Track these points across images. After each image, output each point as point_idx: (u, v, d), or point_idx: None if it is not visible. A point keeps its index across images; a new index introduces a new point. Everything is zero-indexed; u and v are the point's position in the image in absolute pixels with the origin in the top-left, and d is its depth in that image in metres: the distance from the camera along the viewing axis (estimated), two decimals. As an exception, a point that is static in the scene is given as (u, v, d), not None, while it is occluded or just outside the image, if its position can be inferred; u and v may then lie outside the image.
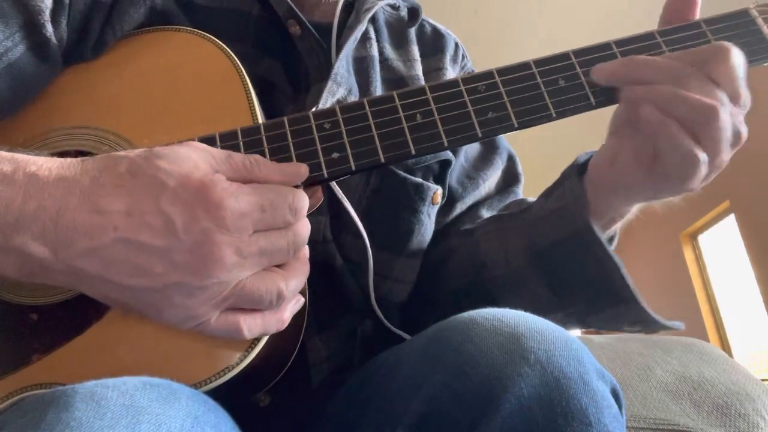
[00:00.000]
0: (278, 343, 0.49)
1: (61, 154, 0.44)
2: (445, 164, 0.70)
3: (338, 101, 0.62)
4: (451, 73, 0.78)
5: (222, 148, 0.49)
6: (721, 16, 0.55)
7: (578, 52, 0.54)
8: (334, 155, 0.49)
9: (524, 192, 0.81)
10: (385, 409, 0.49)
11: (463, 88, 0.52)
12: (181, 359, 0.45)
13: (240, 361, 0.45)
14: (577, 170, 0.59)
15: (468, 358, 0.43)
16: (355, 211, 0.61)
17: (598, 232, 0.55)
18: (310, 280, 0.50)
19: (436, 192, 0.69)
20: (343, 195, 0.61)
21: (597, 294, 0.57)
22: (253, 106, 0.53)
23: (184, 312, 0.41)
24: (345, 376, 0.62)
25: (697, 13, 0.55)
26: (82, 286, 0.42)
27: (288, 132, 0.50)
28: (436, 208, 0.70)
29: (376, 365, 0.58)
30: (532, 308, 0.61)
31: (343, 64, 0.64)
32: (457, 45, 0.81)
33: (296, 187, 0.47)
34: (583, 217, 0.56)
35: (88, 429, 0.32)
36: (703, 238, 4.46)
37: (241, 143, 0.49)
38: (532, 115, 0.52)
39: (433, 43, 0.78)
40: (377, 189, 0.65)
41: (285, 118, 0.51)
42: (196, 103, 0.54)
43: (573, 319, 0.62)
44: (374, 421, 0.50)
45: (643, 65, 0.51)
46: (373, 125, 0.50)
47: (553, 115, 0.52)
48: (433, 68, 0.76)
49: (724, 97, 0.48)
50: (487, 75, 0.53)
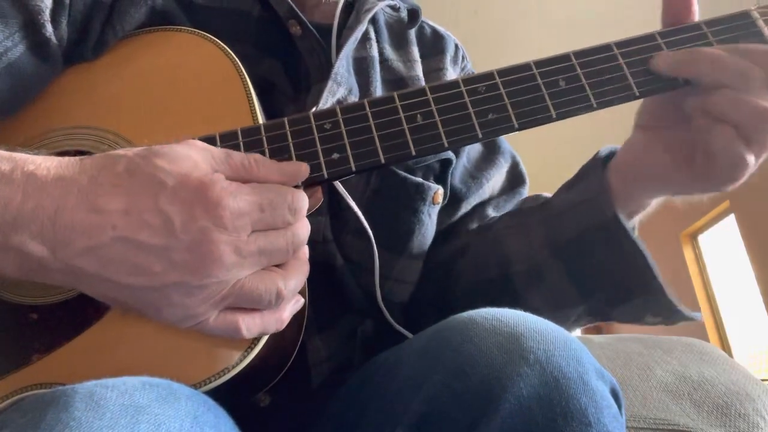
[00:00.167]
0: (278, 343, 0.49)
1: (61, 154, 0.43)
2: (446, 163, 0.70)
3: (338, 101, 0.62)
4: (452, 74, 0.78)
5: (222, 148, 0.49)
6: (722, 18, 0.55)
7: (579, 53, 0.54)
8: (335, 156, 0.49)
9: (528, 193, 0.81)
10: (384, 409, 0.49)
11: (463, 88, 0.52)
12: (181, 359, 0.45)
13: (240, 362, 0.45)
14: (601, 163, 0.59)
15: (467, 357, 0.43)
16: None
17: (625, 222, 0.56)
18: (310, 281, 0.50)
19: (437, 192, 0.69)
20: (348, 194, 0.61)
21: (623, 285, 0.57)
22: (254, 106, 0.53)
23: (183, 311, 0.41)
24: (345, 376, 0.62)
25: (695, 16, 0.55)
26: (81, 285, 0.42)
27: (288, 132, 0.50)
28: (437, 208, 0.70)
29: (375, 365, 0.58)
30: (555, 302, 0.62)
31: (344, 64, 0.64)
32: (457, 46, 0.81)
33: (296, 187, 0.47)
34: (610, 208, 0.56)
35: (87, 429, 0.32)
36: (703, 238, 4.45)
37: (241, 143, 0.49)
38: (533, 116, 0.52)
39: (433, 44, 0.78)
40: (377, 189, 0.65)
41: (285, 119, 0.51)
42: (197, 103, 0.54)
43: (595, 312, 0.62)
44: (374, 421, 0.50)
45: (710, 60, 0.51)
46: (373, 126, 0.50)
47: (554, 116, 0.52)
48: (434, 69, 0.76)
49: None
50: (488, 76, 0.53)
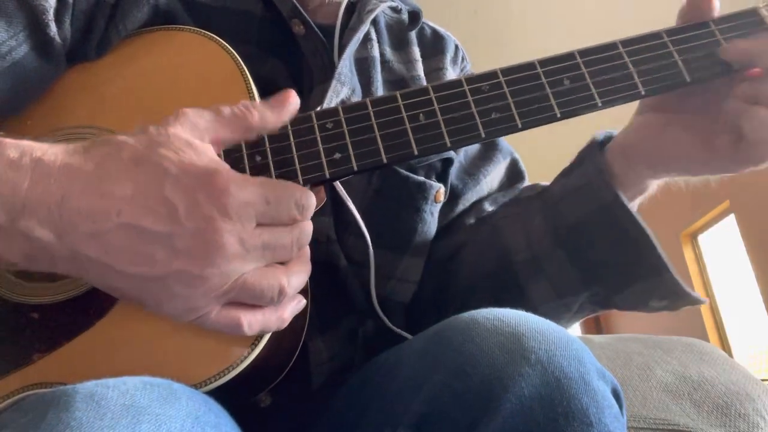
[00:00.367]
0: (280, 344, 0.49)
1: None
2: (447, 162, 0.70)
3: (342, 101, 0.62)
4: (451, 74, 0.78)
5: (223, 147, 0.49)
6: (730, 15, 0.55)
7: (583, 52, 0.53)
8: (337, 155, 0.49)
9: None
10: (385, 409, 0.49)
11: (466, 88, 0.52)
12: (182, 359, 0.45)
13: (240, 362, 0.45)
14: (598, 147, 0.59)
15: (469, 357, 0.43)
16: (358, 211, 0.61)
17: (627, 203, 0.55)
18: (312, 281, 0.50)
19: (439, 190, 0.69)
20: (347, 195, 0.61)
21: (627, 268, 0.56)
22: None
23: (184, 303, 0.41)
24: (346, 377, 0.62)
25: (716, 12, 0.55)
26: (84, 274, 0.41)
27: (290, 132, 0.50)
28: (439, 206, 0.70)
29: (376, 365, 0.58)
30: (558, 290, 0.61)
31: (347, 64, 0.64)
32: (457, 47, 0.81)
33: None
34: (611, 190, 0.56)
35: (88, 429, 0.32)
36: (703, 238, 4.45)
37: (242, 142, 0.49)
38: (537, 116, 0.51)
39: (433, 45, 0.78)
40: (379, 188, 0.65)
41: None
42: (200, 102, 0.54)
43: (598, 300, 0.61)
44: (375, 421, 0.50)
45: None
46: (375, 125, 0.50)
47: (558, 116, 0.51)
48: (434, 69, 0.76)
49: None
50: (491, 75, 0.52)
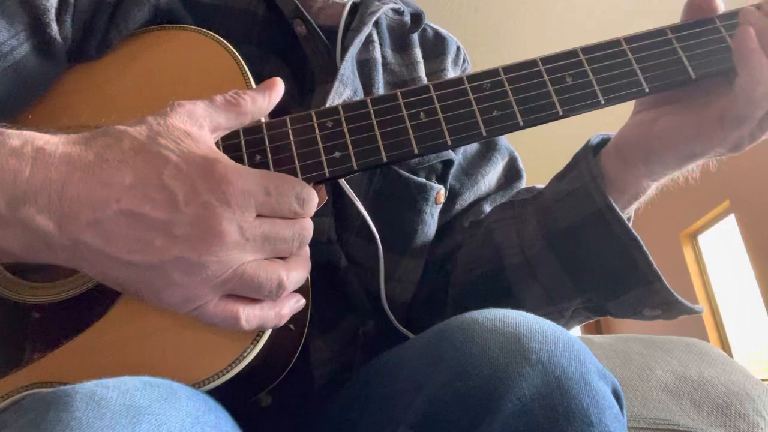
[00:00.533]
0: (280, 344, 0.49)
1: None
2: (448, 164, 0.70)
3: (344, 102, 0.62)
4: (452, 76, 0.78)
5: (224, 146, 0.49)
6: (735, 12, 0.54)
7: (586, 49, 0.53)
8: (336, 154, 0.49)
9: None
10: (386, 409, 0.49)
11: (467, 86, 0.51)
12: (182, 359, 0.45)
13: (240, 361, 0.45)
14: (592, 151, 0.59)
15: (470, 357, 0.43)
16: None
17: (619, 210, 0.55)
18: (313, 281, 0.49)
19: (440, 192, 0.69)
20: (355, 195, 0.61)
21: (619, 275, 0.56)
22: None
23: (183, 292, 0.41)
24: (346, 377, 0.62)
25: (719, 9, 0.54)
26: (83, 264, 0.41)
27: (290, 130, 0.49)
28: (439, 207, 0.70)
29: (377, 365, 0.58)
30: (549, 296, 0.61)
31: (349, 66, 0.64)
32: (458, 48, 0.81)
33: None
34: (603, 196, 0.55)
35: (88, 429, 0.32)
36: (703, 238, 4.46)
37: (243, 142, 0.49)
38: (538, 114, 0.50)
39: (435, 46, 0.78)
40: (380, 189, 0.65)
41: (287, 117, 0.50)
42: None
43: (591, 307, 0.61)
44: (375, 421, 0.50)
45: None
46: (375, 124, 0.50)
47: (560, 113, 0.51)
48: (435, 70, 0.76)
49: None
50: (493, 73, 0.52)
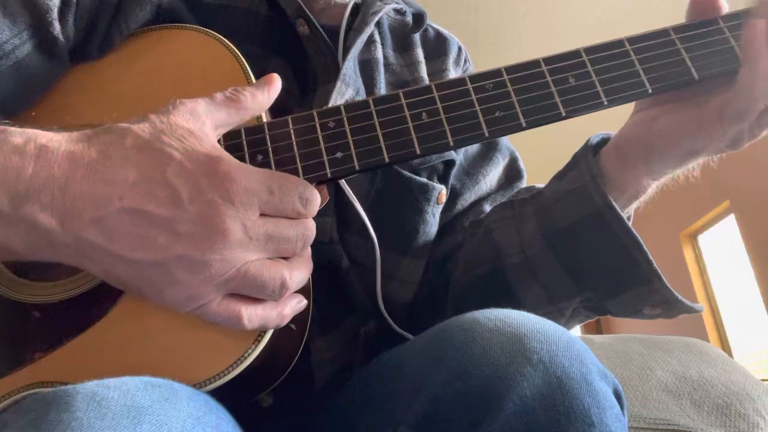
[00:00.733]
0: (282, 344, 0.49)
1: None
2: (449, 164, 0.70)
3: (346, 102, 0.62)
4: (454, 76, 0.78)
5: (225, 146, 0.49)
6: (738, 12, 0.54)
7: (589, 50, 0.52)
8: (338, 154, 0.49)
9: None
10: (386, 409, 0.49)
11: (470, 86, 0.51)
12: (184, 359, 0.45)
13: (241, 361, 0.45)
14: (592, 150, 0.59)
15: (471, 357, 0.43)
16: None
17: (619, 209, 0.55)
18: (315, 282, 0.49)
19: (441, 192, 0.69)
20: (354, 196, 0.61)
21: (618, 274, 0.56)
22: None
23: (186, 290, 0.41)
24: (347, 377, 0.62)
25: (723, 9, 0.54)
26: (86, 262, 0.41)
27: (292, 130, 0.49)
28: (441, 207, 0.70)
29: (378, 365, 0.58)
30: (549, 295, 0.61)
31: (351, 66, 0.64)
32: (460, 48, 0.81)
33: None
34: (602, 195, 0.55)
35: (89, 429, 0.32)
36: (703, 238, 4.46)
37: (244, 142, 0.49)
38: (541, 114, 0.50)
39: (437, 46, 0.78)
40: (382, 190, 0.65)
41: (289, 117, 0.50)
42: None
43: (591, 306, 0.61)
44: (376, 421, 0.50)
45: None
46: (377, 124, 0.50)
47: (563, 114, 0.50)
48: (437, 70, 0.76)
49: None
50: (495, 73, 0.52)
